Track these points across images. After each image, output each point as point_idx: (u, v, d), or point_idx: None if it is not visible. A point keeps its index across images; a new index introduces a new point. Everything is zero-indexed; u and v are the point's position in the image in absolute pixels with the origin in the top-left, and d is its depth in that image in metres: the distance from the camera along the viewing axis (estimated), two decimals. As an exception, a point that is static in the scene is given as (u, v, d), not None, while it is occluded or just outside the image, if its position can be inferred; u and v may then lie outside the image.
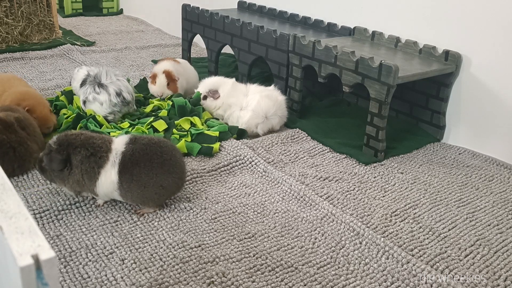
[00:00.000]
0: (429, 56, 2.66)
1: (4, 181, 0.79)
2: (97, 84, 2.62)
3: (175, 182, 1.88)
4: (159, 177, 1.82)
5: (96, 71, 2.68)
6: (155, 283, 1.52)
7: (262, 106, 2.63)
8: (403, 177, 2.29)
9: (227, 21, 3.20)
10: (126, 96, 2.66)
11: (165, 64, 2.97)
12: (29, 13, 4.19)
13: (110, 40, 4.65)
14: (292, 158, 2.42)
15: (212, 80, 2.85)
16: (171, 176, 1.85)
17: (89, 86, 2.63)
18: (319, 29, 3.26)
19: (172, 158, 1.86)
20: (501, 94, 2.46)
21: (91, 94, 2.61)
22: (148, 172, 1.80)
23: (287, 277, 1.59)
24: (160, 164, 1.82)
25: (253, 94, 2.70)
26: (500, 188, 2.24)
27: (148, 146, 1.83)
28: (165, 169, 1.84)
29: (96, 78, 2.65)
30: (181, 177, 1.92)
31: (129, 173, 1.79)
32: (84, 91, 2.64)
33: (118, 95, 2.62)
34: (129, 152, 1.81)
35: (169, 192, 1.90)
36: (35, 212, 1.83)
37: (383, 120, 2.39)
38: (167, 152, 1.86)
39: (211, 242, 1.74)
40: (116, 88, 2.63)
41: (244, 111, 2.67)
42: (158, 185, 1.82)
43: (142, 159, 1.80)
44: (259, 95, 2.67)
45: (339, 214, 1.91)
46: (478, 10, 2.47)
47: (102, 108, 2.61)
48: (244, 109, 2.68)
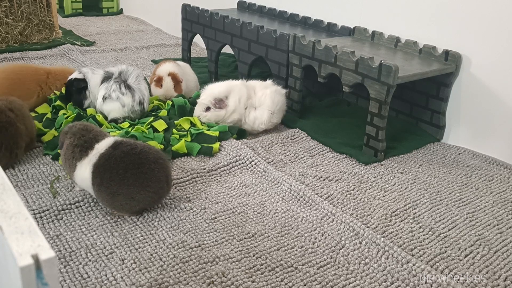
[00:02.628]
0: (429, 56, 2.67)
1: (4, 181, 0.79)
2: (123, 83, 2.54)
3: (149, 197, 1.80)
4: (131, 189, 1.76)
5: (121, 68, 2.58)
6: (155, 283, 1.52)
7: (276, 102, 2.62)
8: (403, 177, 2.29)
9: (227, 21, 3.20)
10: (145, 106, 2.64)
11: (169, 66, 2.91)
12: (29, 13, 4.19)
13: (110, 40, 4.65)
14: (292, 158, 2.42)
15: (217, 87, 2.62)
16: (145, 190, 1.78)
17: (114, 83, 2.53)
18: (319, 29, 3.26)
19: (149, 171, 1.78)
20: (501, 94, 2.46)
21: (115, 92, 2.52)
22: (120, 181, 1.75)
23: (287, 277, 1.59)
24: (135, 175, 1.76)
25: (261, 91, 2.65)
26: (500, 188, 2.24)
27: (126, 154, 1.78)
28: (139, 182, 1.77)
29: (121, 75, 2.56)
30: (158, 191, 1.83)
31: (99, 177, 1.77)
32: (107, 87, 2.54)
33: (140, 104, 2.59)
34: (106, 156, 1.78)
35: (141, 205, 1.82)
36: (35, 212, 1.83)
37: (383, 120, 2.39)
38: (146, 164, 1.78)
39: (211, 242, 1.74)
40: (141, 96, 2.57)
41: (260, 110, 2.60)
42: (129, 196, 1.77)
43: (116, 166, 1.76)
44: (269, 91, 2.63)
45: (339, 214, 1.91)
46: (478, 10, 2.47)
47: (121, 110, 2.55)
48: (259, 108, 2.61)
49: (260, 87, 2.68)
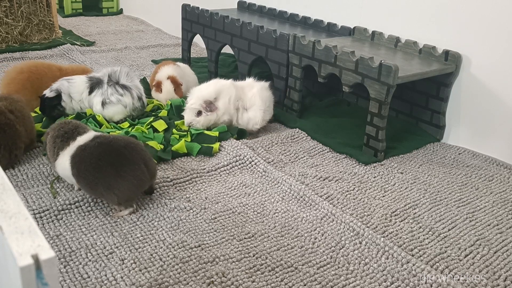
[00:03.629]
0: (429, 56, 2.67)
1: (4, 181, 0.79)
2: (118, 84, 2.53)
3: (128, 181, 1.80)
4: (107, 177, 1.78)
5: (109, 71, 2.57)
6: (155, 283, 1.52)
7: (265, 100, 2.61)
8: (403, 177, 2.29)
9: (227, 21, 3.20)
10: (144, 100, 2.63)
11: (168, 70, 2.89)
12: (29, 13, 4.19)
13: (110, 40, 4.65)
14: (292, 158, 2.42)
15: (205, 89, 2.52)
16: (120, 176, 1.78)
17: (108, 87, 2.52)
18: (319, 29, 3.26)
19: (122, 157, 1.80)
20: (501, 94, 2.46)
21: (113, 95, 2.51)
22: (94, 171, 1.79)
23: (287, 277, 1.59)
24: (108, 163, 1.78)
25: (250, 90, 2.62)
26: (500, 188, 2.24)
27: (100, 144, 1.82)
28: (113, 169, 1.78)
29: (112, 78, 2.54)
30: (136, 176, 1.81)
31: (76, 167, 1.83)
32: (102, 92, 2.53)
33: (139, 99, 2.58)
34: (82, 147, 1.84)
35: (124, 192, 1.81)
36: (35, 212, 1.83)
37: (383, 120, 2.39)
38: (117, 151, 1.81)
39: (211, 242, 1.74)
40: (138, 91, 2.57)
41: (252, 111, 2.58)
42: (107, 184, 1.79)
43: (89, 156, 1.80)
44: (256, 90, 2.61)
45: (339, 214, 1.91)
46: (478, 10, 2.47)
47: (124, 111, 2.54)
48: (250, 108, 2.59)
49: (248, 87, 2.65)
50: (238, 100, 2.58)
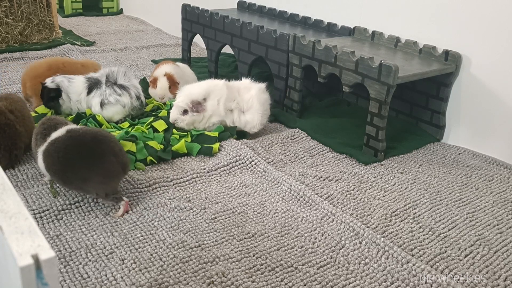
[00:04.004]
0: (429, 56, 2.67)
1: (4, 181, 0.79)
2: (115, 85, 2.53)
3: (99, 179, 1.81)
4: (79, 172, 1.79)
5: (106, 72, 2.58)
6: (155, 283, 1.52)
7: (263, 103, 2.57)
8: (403, 177, 2.29)
9: (227, 21, 3.20)
10: (143, 99, 2.63)
11: (166, 67, 2.93)
12: (29, 13, 4.19)
13: (110, 40, 4.65)
14: (292, 158, 2.42)
15: (195, 89, 2.47)
16: (93, 173, 1.79)
17: (106, 88, 2.53)
18: (319, 29, 3.26)
19: (89, 150, 1.80)
20: (501, 94, 2.46)
21: (112, 95, 2.51)
22: (61, 165, 1.80)
23: (287, 277, 1.59)
24: (78, 158, 1.79)
25: (247, 92, 2.57)
26: (500, 188, 2.24)
27: (68, 138, 1.83)
28: (84, 165, 1.79)
29: (110, 78, 2.55)
30: (105, 168, 1.81)
31: (46, 162, 1.84)
32: (101, 93, 2.53)
33: (138, 98, 2.59)
34: (52, 142, 1.84)
35: (98, 187, 1.82)
36: (35, 212, 1.83)
37: (383, 120, 2.39)
38: (89, 147, 1.81)
39: (211, 242, 1.74)
40: (136, 91, 2.57)
41: (250, 114, 2.54)
42: (80, 179, 1.80)
43: (57, 150, 1.80)
44: (254, 92, 2.56)
45: (339, 214, 1.91)
46: (478, 10, 2.47)
47: (123, 110, 2.55)
48: (248, 111, 2.55)
49: (244, 89, 2.58)
50: (233, 101, 2.52)
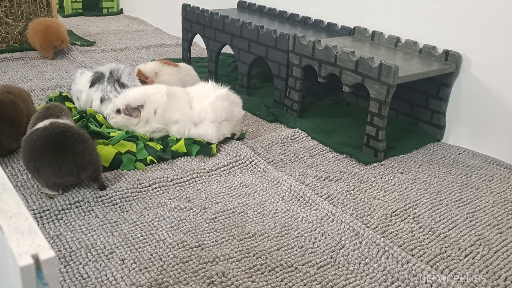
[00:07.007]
0: (429, 56, 2.66)
1: (4, 181, 0.79)
2: (117, 82, 2.54)
3: (49, 172, 1.85)
4: (34, 162, 1.85)
5: (111, 67, 2.59)
6: (155, 283, 1.52)
7: (220, 112, 2.33)
8: (403, 177, 2.29)
9: (227, 21, 3.20)
10: None
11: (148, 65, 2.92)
12: (29, 13, 4.19)
13: (110, 40, 4.65)
14: (292, 158, 2.42)
15: (134, 94, 2.40)
16: (45, 165, 1.84)
17: (108, 84, 2.54)
18: (319, 29, 3.26)
19: (51, 147, 1.84)
20: (501, 94, 2.46)
21: (112, 93, 2.52)
22: (26, 154, 1.88)
23: (287, 277, 1.59)
24: (37, 149, 1.84)
25: (200, 102, 2.36)
26: (500, 188, 2.24)
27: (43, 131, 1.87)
28: (40, 156, 1.84)
29: (114, 75, 2.56)
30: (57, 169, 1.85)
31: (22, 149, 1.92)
32: (102, 89, 2.55)
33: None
34: (32, 132, 1.91)
35: (48, 178, 1.88)
36: (35, 212, 1.83)
37: (383, 120, 2.39)
38: (51, 141, 1.85)
39: (211, 242, 1.74)
40: None
41: (202, 127, 2.34)
42: (34, 168, 1.87)
43: (29, 140, 1.87)
44: (207, 102, 2.33)
45: (339, 214, 1.91)
46: (478, 10, 2.47)
47: None
48: (200, 124, 2.34)
49: (200, 98, 2.37)
50: (176, 112, 2.34)
